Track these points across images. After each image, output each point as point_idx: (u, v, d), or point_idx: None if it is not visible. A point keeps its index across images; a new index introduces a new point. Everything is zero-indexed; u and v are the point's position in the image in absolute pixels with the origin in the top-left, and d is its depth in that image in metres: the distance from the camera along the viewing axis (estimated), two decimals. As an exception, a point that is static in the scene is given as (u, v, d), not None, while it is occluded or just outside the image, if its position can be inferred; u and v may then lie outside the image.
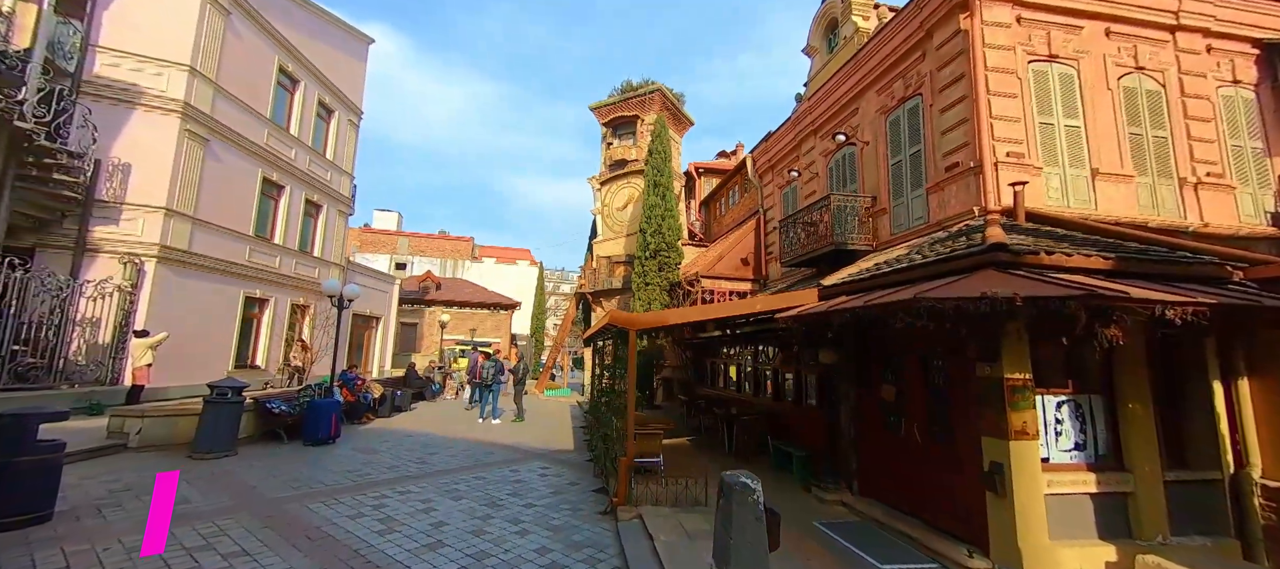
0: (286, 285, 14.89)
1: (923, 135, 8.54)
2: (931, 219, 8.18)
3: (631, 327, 5.78)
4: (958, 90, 7.76)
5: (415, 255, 47.21)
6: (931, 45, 8.39)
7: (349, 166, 17.85)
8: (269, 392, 10.12)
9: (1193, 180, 7.76)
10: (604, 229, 20.21)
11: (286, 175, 14.73)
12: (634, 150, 19.75)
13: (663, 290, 14.84)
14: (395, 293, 22.37)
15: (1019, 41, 7.71)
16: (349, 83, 17.43)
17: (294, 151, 15.02)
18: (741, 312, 6.08)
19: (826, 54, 12.16)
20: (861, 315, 4.42)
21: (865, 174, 10.02)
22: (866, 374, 5.96)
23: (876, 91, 9.77)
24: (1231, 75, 8.31)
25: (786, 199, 13.64)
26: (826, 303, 5.10)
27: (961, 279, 3.96)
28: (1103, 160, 7.58)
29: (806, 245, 10.89)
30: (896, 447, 5.38)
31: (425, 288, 32.14)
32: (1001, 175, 7.18)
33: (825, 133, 11.59)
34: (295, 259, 15.25)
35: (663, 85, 19.38)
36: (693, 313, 6.13)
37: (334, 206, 17.07)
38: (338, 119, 17.09)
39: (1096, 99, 7.79)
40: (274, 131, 14.21)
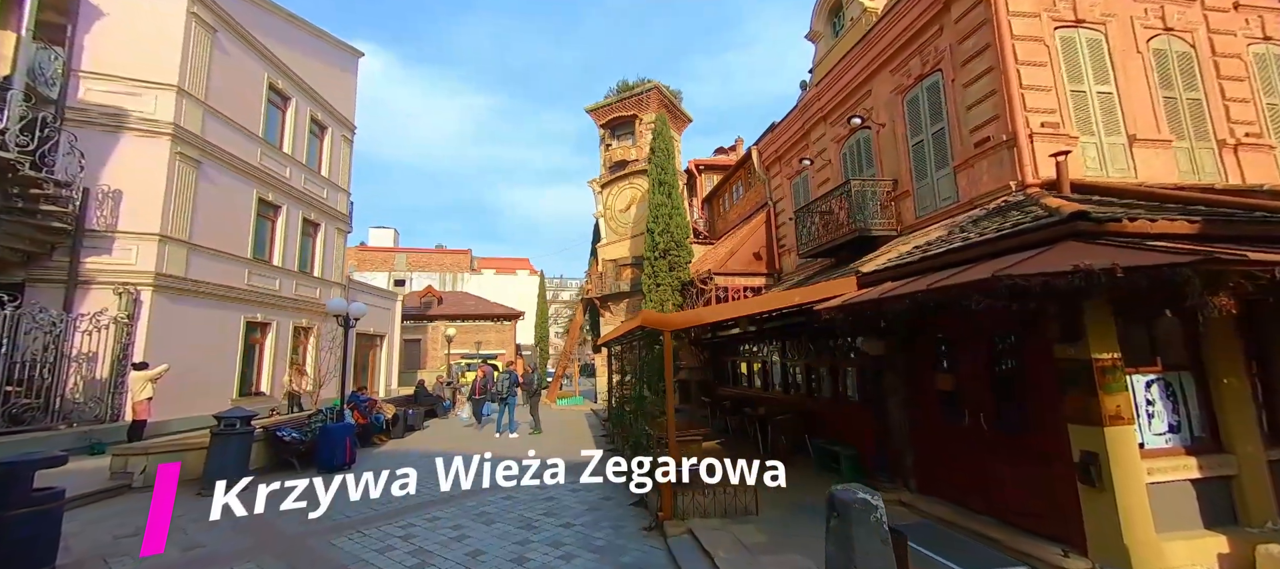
0: (288, 308, 14.48)
1: (945, 112, 8.23)
2: (961, 198, 7.85)
3: (666, 327, 5.42)
4: (983, 62, 7.45)
5: (414, 271, 46.74)
6: (949, 18, 8.09)
7: (345, 183, 17.46)
8: (278, 418, 9.72)
9: (1232, 142, 7.46)
10: (607, 232, 19.85)
11: (282, 194, 14.33)
12: (634, 150, 19.43)
13: (674, 290, 14.49)
14: (398, 309, 21.96)
15: (1044, 7, 7.41)
16: (340, 98, 17.06)
17: (288, 170, 14.63)
18: (779, 305, 5.73)
19: (832, 38, 11.86)
20: (923, 300, 4.06)
21: (883, 157, 9.71)
22: (916, 364, 5.61)
23: (891, 71, 9.46)
24: (1261, 32, 8.03)
25: (797, 190, 13.32)
26: (879, 290, 4.75)
27: (1040, 252, 3.61)
28: (1139, 126, 7.27)
29: (825, 235, 10.55)
30: (959, 439, 5.03)
31: (427, 303, 31.71)
32: (1038, 147, 6.87)
33: (836, 119, 11.28)
34: (295, 280, 14.84)
35: (659, 83, 19.08)
36: (727, 310, 5.78)
37: (332, 224, 16.67)
38: (331, 135, 16.70)
39: (1127, 64, 7.49)
40: (267, 150, 13.82)
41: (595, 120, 20.40)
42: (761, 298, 5.89)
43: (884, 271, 5.65)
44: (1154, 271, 3.01)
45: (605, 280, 18.47)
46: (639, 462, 6.42)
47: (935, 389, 5.37)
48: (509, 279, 49.84)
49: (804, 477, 6.60)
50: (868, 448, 6.04)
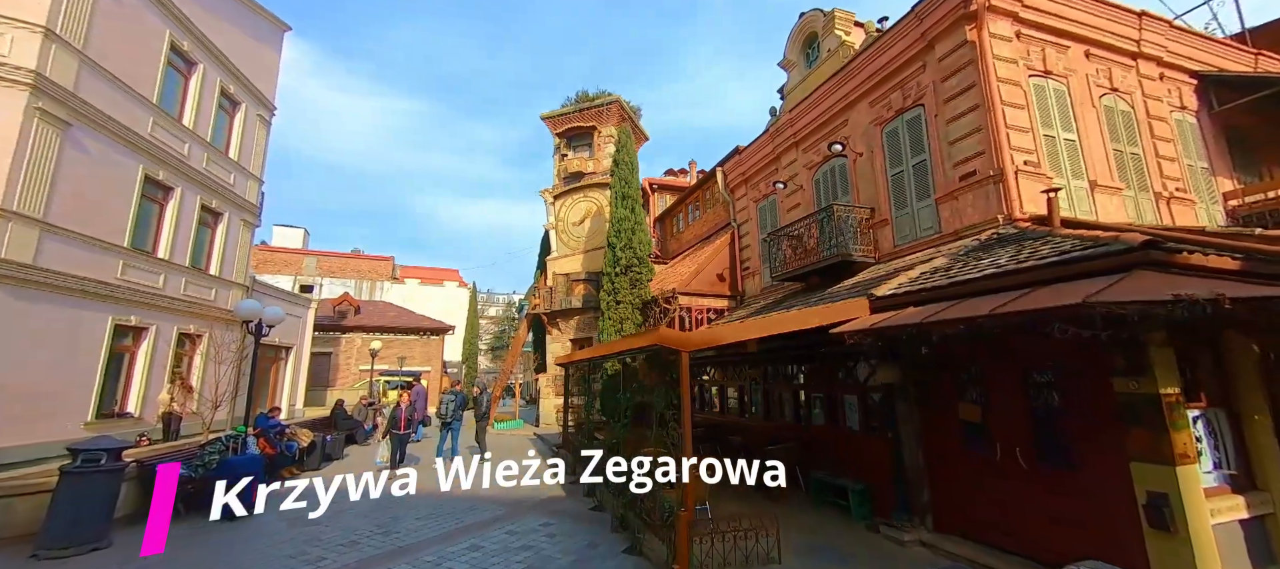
0: (173, 310, 12.02)
1: (927, 145, 8.45)
2: (944, 229, 8.03)
3: (685, 347, 4.77)
4: (967, 100, 7.72)
5: (325, 276, 42.24)
6: (933, 57, 8.38)
7: (257, 169, 15.14)
8: (155, 449, 7.73)
9: (1166, 194, 8.27)
10: (559, 245, 18.89)
11: (176, 175, 12.01)
12: (591, 162, 18.79)
13: (635, 308, 13.85)
14: (310, 318, 19.33)
15: (1020, 55, 7.85)
16: (259, 72, 14.88)
17: (188, 147, 12.33)
18: (803, 325, 5.29)
19: (805, 67, 12.11)
20: (985, 325, 3.76)
21: (860, 185, 9.85)
22: (934, 392, 5.38)
23: (869, 103, 9.68)
24: (1180, 101, 9.08)
25: (764, 213, 13.35)
26: (921, 312, 4.43)
27: (1117, 280, 3.42)
28: (1098, 173, 7.85)
29: (796, 259, 10.51)
30: (987, 475, 4.80)
31: (342, 312, 28.49)
32: (1021, 184, 7.15)
33: (809, 146, 11.41)
34: (186, 278, 12.41)
35: (620, 97, 18.71)
36: (754, 327, 5.24)
37: (237, 215, 14.29)
38: (245, 113, 14.45)
39: (1085, 115, 8.11)
40: (162, 121, 11.55)
41: (551, 128, 19.55)
42: (787, 316, 5.43)
43: (903, 295, 5.40)
44: (1261, 304, 2.82)
45: (555, 295, 17.43)
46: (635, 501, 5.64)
47: (957, 420, 5.14)
48: (435, 290, 46.60)
49: (808, 515, 6.14)
50: (880, 482, 5.71)
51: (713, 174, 16.42)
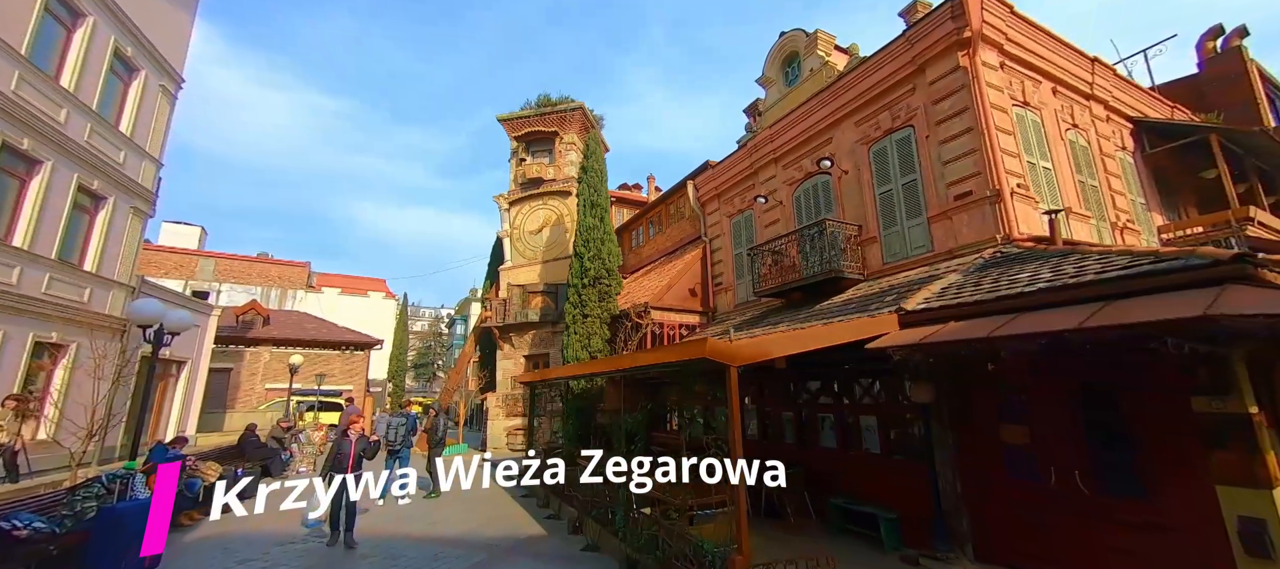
0: (28, 312, 9.58)
1: (918, 165, 8.57)
2: (937, 248, 8.09)
3: (733, 361, 4.15)
4: (960, 122, 7.90)
5: (225, 281, 37.35)
6: (924, 80, 8.56)
7: (155, 150, 12.77)
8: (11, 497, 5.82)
9: (1120, 224, 8.93)
10: (514, 254, 17.68)
11: (45, 144, 9.71)
12: (551, 169, 17.89)
13: (603, 323, 13.04)
14: (210, 327, 16.58)
15: (1005, 84, 8.20)
16: (166, 35, 12.67)
17: (65, 113, 10.05)
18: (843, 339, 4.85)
19: (784, 86, 12.17)
20: (1073, 339, 3.51)
21: (846, 202, 9.86)
22: (974, 413, 5.13)
23: (856, 122, 9.77)
24: (1121, 142, 9.96)
25: (738, 229, 13.16)
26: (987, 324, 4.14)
27: (1216, 293, 3.26)
28: (1070, 200, 8.30)
29: (781, 274, 10.30)
30: (1037, 501, 4.56)
31: (248, 321, 25.01)
32: (1016, 206, 7.33)
33: (790, 162, 11.38)
34: (50, 273, 9.99)
35: (584, 103, 18.07)
36: (809, 338, 4.71)
37: (125, 201, 11.88)
38: (143, 81, 12.17)
39: (1057, 147, 8.59)
40: (31, 76, 9.31)
41: (508, 131, 18.45)
42: (830, 328, 4.97)
43: (939, 310, 5.15)
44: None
45: (510, 308, 16.17)
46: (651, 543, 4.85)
47: (998, 443, 4.91)
48: (358, 301, 42.65)
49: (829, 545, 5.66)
50: (912, 510, 5.35)
51: (680, 188, 16.13)
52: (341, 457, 6.52)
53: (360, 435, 6.77)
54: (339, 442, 6.60)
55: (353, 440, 6.66)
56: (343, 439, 6.64)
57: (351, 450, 6.56)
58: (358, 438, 6.74)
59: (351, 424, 6.84)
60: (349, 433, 6.69)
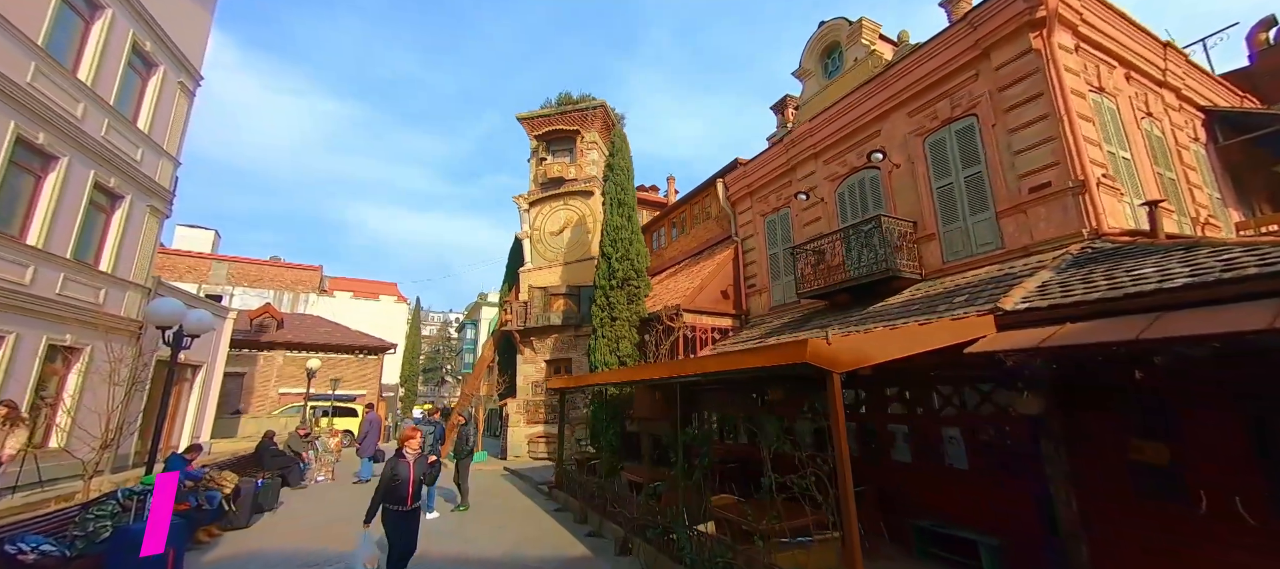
0: (42, 314, 9.21)
1: (982, 156, 7.98)
2: (1008, 245, 7.49)
3: (835, 367, 3.59)
4: (1034, 109, 7.32)
5: (238, 285, 37.24)
6: (988, 66, 7.99)
7: (173, 148, 12.44)
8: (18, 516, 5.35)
9: (1201, 220, 8.28)
10: (534, 256, 17.21)
11: (62, 139, 9.36)
12: (572, 169, 17.44)
13: (632, 326, 12.50)
14: (226, 331, 16.23)
15: (1080, 68, 7.61)
16: (185, 31, 12.37)
17: (82, 107, 9.71)
18: (943, 342, 4.28)
19: (824, 78, 11.63)
20: (1257, 341, 2.89)
21: (897, 198, 9.27)
22: (1095, 427, 4.53)
23: (909, 113, 9.21)
24: (1195, 133, 9.31)
25: (772, 228, 12.59)
26: (1142, 322, 3.55)
27: None
28: (1151, 193, 7.67)
29: (825, 276, 9.72)
30: (1183, 531, 3.95)
31: (261, 325, 24.73)
32: (1102, 197, 6.72)
33: (832, 157, 10.82)
34: (64, 273, 9.63)
35: (605, 101, 17.62)
36: (909, 339, 4.13)
37: (142, 200, 11.54)
38: (162, 77, 11.85)
39: (1134, 136, 7.98)
40: (47, 68, 8.97)
41: (528, 130, 18.04)
42: (933, 328, 4.39)
43: (1050, 310, 4.56)
44: None
45: (531, 311, 15.68)
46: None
47: (1124, 461, 4.30)
48: (370, 305, 42.41)
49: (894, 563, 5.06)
50: (1017, 535, 4.74)
51: (707, 187, 15.61)
52: (398, 484, 4.91)
53: (418, 455, 5.20)
54: (393, 464, 5.00)
55: (411, 462, 5.07)
56: (398, 462, 5.04)
57: (411, 475, 4.98)
58: (417, 459, 5.16)
59: (406, 441, 5.21)
60: (404, 453, 5.11)
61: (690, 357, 11.63)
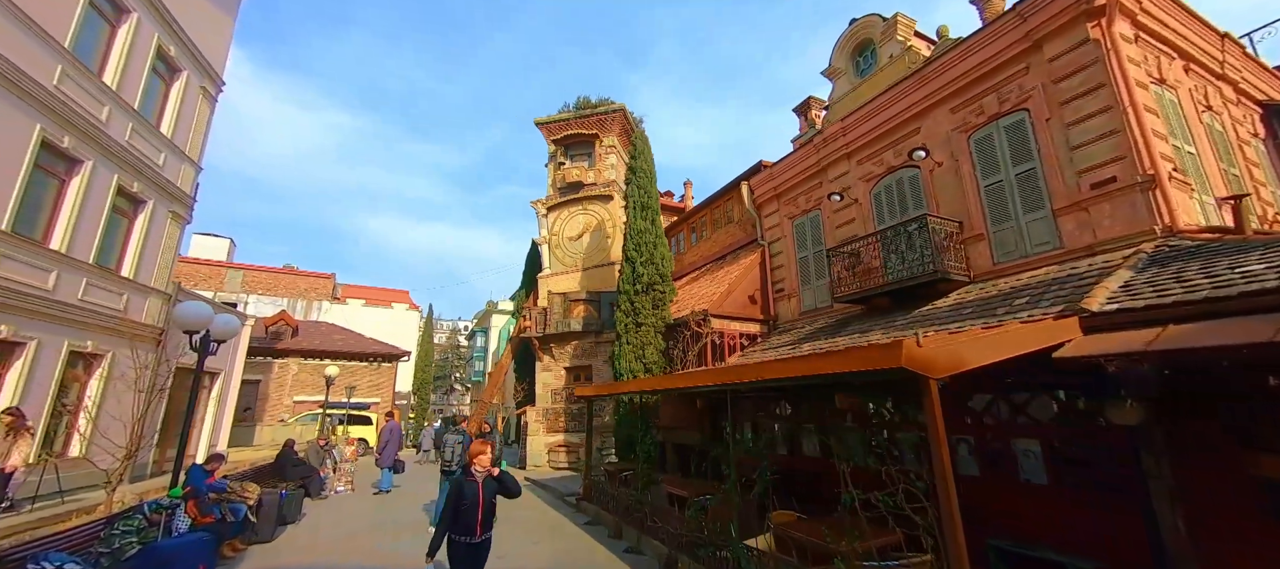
0: (64, 320, 9.05)
1: (1036, 152, 7.62)
2: (1068, 244, 7.10)
3: (932, 372, 3.26)
4: (1094, 101, 6.95)
5: (252, 293, 37.42)
6: (1041, 57, 7.65)
7: (195, 153, 12.36)
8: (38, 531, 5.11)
9: (1269, 219, 7.84)
10: (553, 261, 16.97)
11: (87, 143, 9.26)
12: (590, 173, 17.23)
13: (657, 332, 12.17)
14: (244, 337, 16.09)
15: (1140, 59, 7.26)
16: (208, 37, 12.32)
17: (107, 110, 9.62)
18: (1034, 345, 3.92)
19: (855, 76, 11.33)
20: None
21: (939, 197, 8.92)
22: (1206, 438, 4.13)
23: (951, 109, 8.87)
24: (1254, 128, 8.88)
25: (801, 231, 12.25)
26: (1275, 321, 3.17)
27: None
28: (1218, 189, 7.28)
29: (862, 279, 9.37)
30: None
31: (276, 333, 24.67)
32: (1174, 193, 6.34)
33: (867, 157, 10.49)
34: (86, 278, 9.48)
35: (625, 105, 17.43)
36: (1000, 343, 3.77)
37: (164, 205, 11.43)
38: (185, 83, 11.79)
39: (1196, 130, 7.59)
40: (73, 71, 8.88)
41: (546, 135, 17.88)
42: (1025, 330, 4.03)
43: (1146, 310, 4.20)
44: None
45: (550, 317, 15.40)
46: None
47: (1244, 477, 3.90)
48: (382, 312, 42.48)
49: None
50: (1117, 559, 4.33)
51: (729, 191, 15.32)
52: (466, 509, 4.12)
53: (487, 475, 4.31)
54: (459, 486, 4.19)
55: (480, 482, 4.24)
56: (465, 482, 4.21)
57: (480, 499, 4.19)
58: (486, 478, 4.28)
59: (475, 458, 4.37)
60: (473, 471, 4.30)
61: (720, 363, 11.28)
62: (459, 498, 4.15)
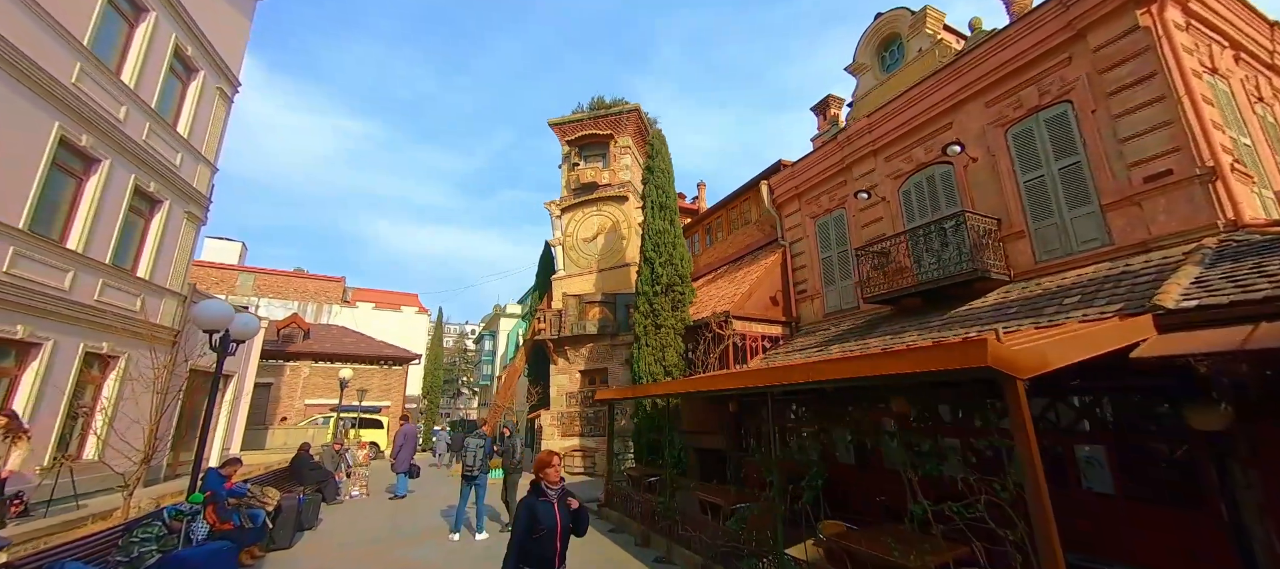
0: (81, 321, 8.94)
1: (1080, 145, 7.30)
2: (1118, 241, 6.77)
3: (1018, 373, 2.98)
4: (1146, 91, 6.64)
5: (263, 296, 37.54)
6: (1085, 47, 7.35)
7: (212, 154, 12.28)
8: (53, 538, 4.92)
9: (1327, 215, 7.47)
10: (567, 263, 16.77)
11: (106, 143, 9.17)
12: (605, 174, 17.03)
13: (677, 334, 11.91)
14: (259, 339, 16.00)
15: (1193, 47, 6.94)
16: (225, 37, 12.27)
17: (125, 109, 9.53)
18: (1115, 344, 3.63)
19: (881, 72, 11.06)
20: None
21: (974, 193, 8.61)
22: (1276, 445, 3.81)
23: (986, 103, 8.58)
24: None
25: (824, 231, 11.96)
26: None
27: None
28: (1277, 182, 6.93)
29: (892, 278, 9.07)
30: None
31: (288, 335, 24.63)
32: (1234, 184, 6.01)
33: (895, 153, 10.20)
34: (102, 278, 9.37)
35: (639, 106, 17.24)
36: (1104, 338, 3.49)
37: (180, 206, 11.34)
38: (202, 83, 11.72)
39: (1249, 120, 7.26)
40: (92, 69, 8.80)
41: (560, 136, 17.72)
42: (1109, 327, 3.75)
43: (1232, 306, 3.89)
44: None
45: (565, 319, 15.18)
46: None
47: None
48: (391, 316, 42.50)
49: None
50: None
51: (747, 191, 15.05)
52: (541, 536, 3.30)
53: (560, 491, 3.51)
54: (531, 507, 3.37)
55: (554, 501, 3.44)
56: (537, 503, 3.41)
57: (558, 523, 3.36)
58: (560, 496, 3.49)
59: (544, 470, 3.55)
60: (546, 489, 3.47)
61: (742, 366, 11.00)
62: (532, 524, 3.29)
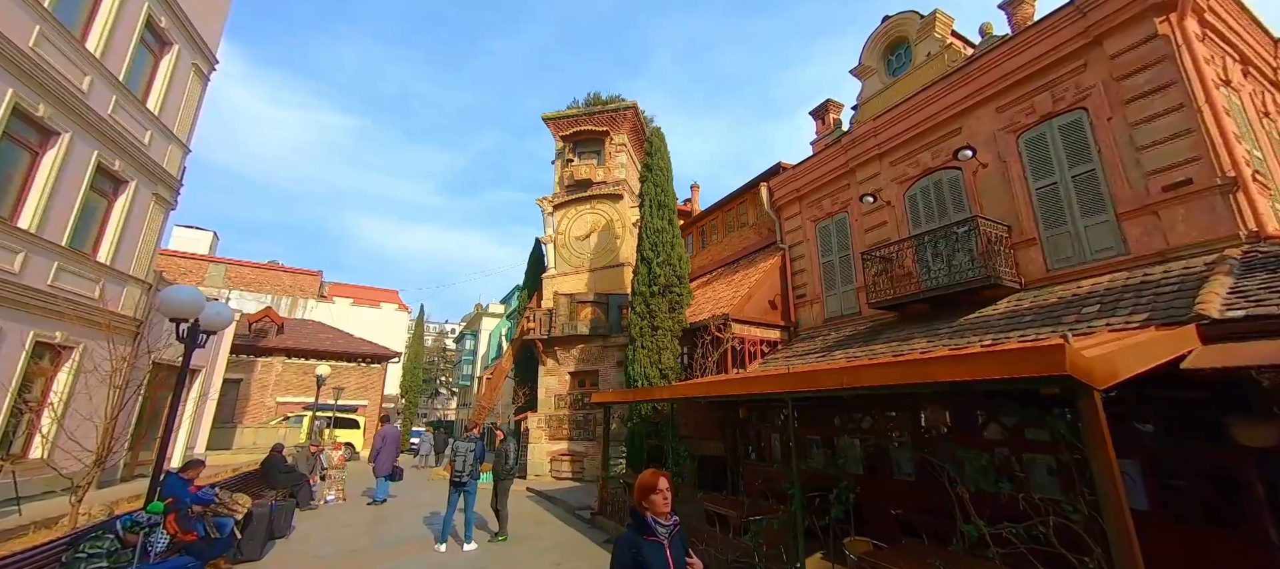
0: (30, 306, 8.18)
1: (1095, 153, 7.21)
2: (1134, 250, 6.66)
3: (1095, 382, 2.70)
4: (1164, 99, 6.57)
5: (235, 288, 36.01)
6: (1101, 54, 7.27)
7: (184, 133, 11.52)
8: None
9: (1330, 230, 7.51)
10: (558, 261, 16.30)
11: (66, 114, 8.45)
12: (599, 171, 16.65)
13: (674, 337, 11.57)
14: (229, 333, 15.13)
15: (1210, 57, 6.91)
16: (202, 10, 11.55)
17: (89, 80, 8.81)
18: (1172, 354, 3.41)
19: (887, 76, 10.93)
20: None
21: (983, 200, 8.49)
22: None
23: (997, 109, 8.47)
24: (1306, 137, 8.59)
25: (825, 235, 11.78)
26: None
27: None
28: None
29: (897, 284, 8.89)
30: None
31: (260, 330, 23.56)
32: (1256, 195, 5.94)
33: (901, 157, 10.06)
34: (58, 262, 8.62)
35: (636, 103, 16.92)
36: (1158, 347, 3.25)
37: (147, 187, 10.58)
38: (175, 57, 10.99)
39: (1261, 135, 7.26)
40: (53, 34, 8.09)
41: (554, 131, 17.28)
42: (1173, 333, 3.51)
43: None
44: None
45: (556, 319, 14.71)
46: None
47: None
48: (370, 312, 41.23)
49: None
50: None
51: (745, 192, 14.85)
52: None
53: (673, 528, 2.59)
54: (634, 545, 2.49)
55: (665, 542, 2.52)
56: (646, 543, 2.50)
57: (670, 565, 2.48)
58: (673, 535, 2.57)
59: (649, 495, 2.58)
60: (655, 525, 2.54)
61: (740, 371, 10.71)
62: (635, 558, 2.45)
